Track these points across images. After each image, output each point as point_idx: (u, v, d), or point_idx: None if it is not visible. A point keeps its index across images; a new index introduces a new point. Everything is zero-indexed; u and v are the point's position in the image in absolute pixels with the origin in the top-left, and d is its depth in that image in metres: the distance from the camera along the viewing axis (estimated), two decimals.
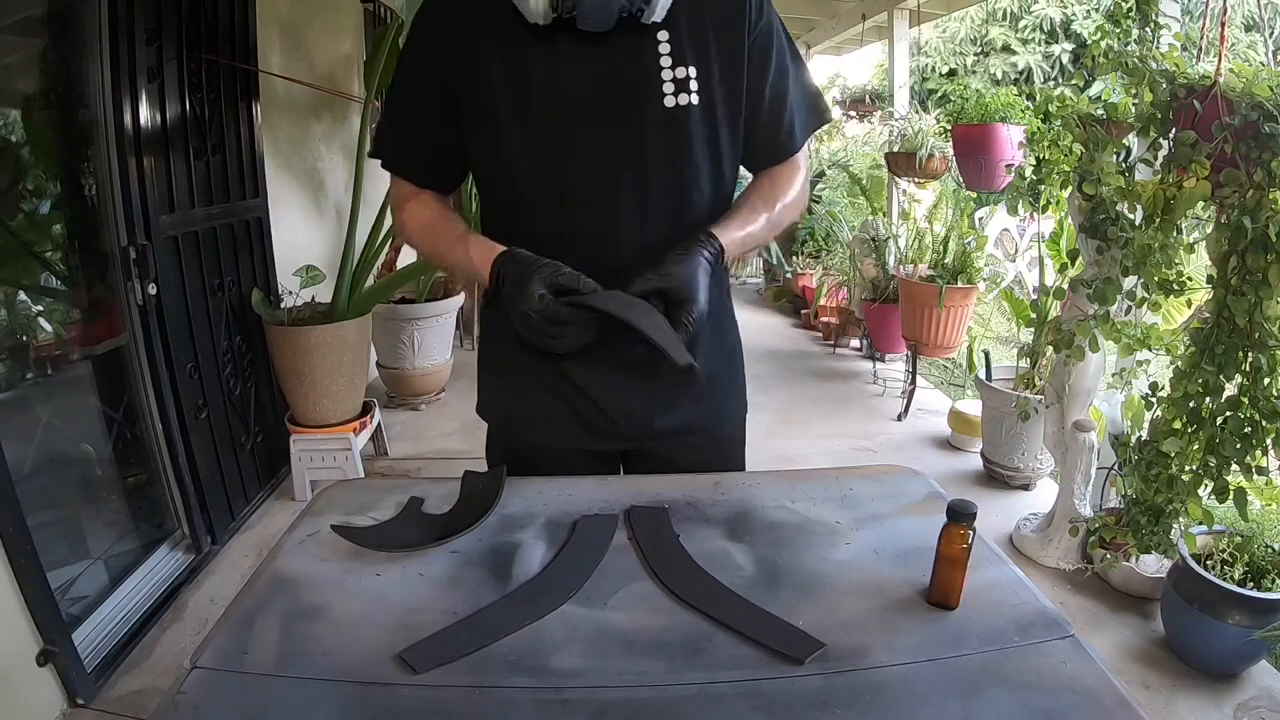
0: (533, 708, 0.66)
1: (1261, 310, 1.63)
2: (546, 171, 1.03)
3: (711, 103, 1.03)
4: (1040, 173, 2.29)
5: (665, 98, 1.01)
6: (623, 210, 1.04)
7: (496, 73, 1.00)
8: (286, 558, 0.88)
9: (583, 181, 1.03)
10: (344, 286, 2.83)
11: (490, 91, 1.01)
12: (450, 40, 1.03)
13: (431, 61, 1.05)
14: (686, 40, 1.01)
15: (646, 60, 1.00)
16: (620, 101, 1.00)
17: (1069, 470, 2.30)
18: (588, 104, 1.00)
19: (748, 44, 1.04)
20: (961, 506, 0.79)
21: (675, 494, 1.02)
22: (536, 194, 1.04)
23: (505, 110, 1.01)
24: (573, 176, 1.03)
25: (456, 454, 3.19)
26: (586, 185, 1.03)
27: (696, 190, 1.06)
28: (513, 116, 1.01)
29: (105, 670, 1.82)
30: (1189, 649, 1.90)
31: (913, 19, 4.46)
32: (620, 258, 1.03)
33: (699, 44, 1.01)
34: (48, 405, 1.99)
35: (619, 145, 1.02)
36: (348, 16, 3.75)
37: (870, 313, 4.18)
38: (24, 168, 1.97)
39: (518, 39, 0.98)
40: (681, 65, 1.00)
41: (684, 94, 1.01)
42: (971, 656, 0.73)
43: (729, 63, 1.03)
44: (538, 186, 1.04)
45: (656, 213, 1.05)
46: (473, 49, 1.01)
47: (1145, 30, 1.91)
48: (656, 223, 1.05)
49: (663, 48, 1.00)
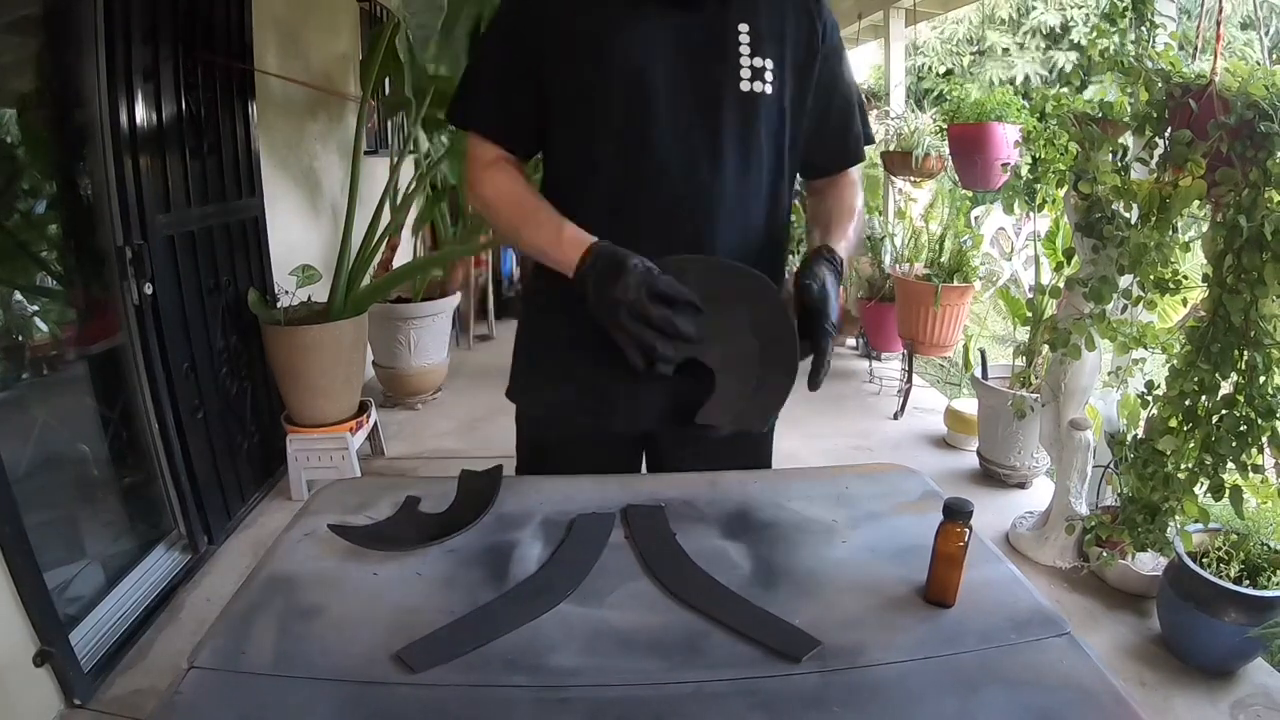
0: (531, 706, 0.66)
1: (1257, 309, 1.64)
2: (623, 136, 1.04)
3: (782, 96, 1.08)
4: (1036, 171, 2.30)
5: (742, 81, 1.04)
6: (693, 184, 1.05)
7: (582, 40, 1.03)
8: (283, 557, 0.88)
9: (658, 149, 1.04)
10: (340, 286, 2.82)
11: (573, 58, 1.03)
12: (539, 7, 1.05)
13: (521, 24, 1.07)
14: (765, 34, 1.05)
15: (727, 44, 1.04)
16: (700, 78, 1.04)
17: (1065, 468, 2.30)
18: (668, 78, 1.02)
19: (819, 57, 1.10)
20: (958, 505, 0.79)
21: (672, 493, 1.02)
22: (610, 158, 1.06)
23: (587, 74, 1.03)
24: (648, 144, 1.04)
25: (453, 453, 3.19)
26: (661, 157, 1.04)
27: (762, 174, 1.09)
28: (594, 81, 1.03)
29: (102, 671, 1.82)
30: (1185, 646, 1.90)
31: (909, 18, 4.46)
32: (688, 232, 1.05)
33: (775, 43, 1.06)
34: (44, 405, 1.98)
35: (693, 120, 1.04)
36: (343, 16, 3.74)
37: (866, 311, 4.19)
38: (19, 167, 1.97)
39: (604, 6, 1.02)
40: (759, 56, 1.05)
41: (759, 82, 1.05)
42: (968, 654, 0.73)
43: (801, 68, 1.09)
44: (613, 150, 1.05)
45: (725, 189, 1.07)
46: (560, 15, 1.04)
47: (1141, 29, 1.92)
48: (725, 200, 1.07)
49: (743, 38, 1.04)
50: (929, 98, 10.44)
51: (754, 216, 1.11)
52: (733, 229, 1.08)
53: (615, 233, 1.00)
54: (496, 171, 1.11)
